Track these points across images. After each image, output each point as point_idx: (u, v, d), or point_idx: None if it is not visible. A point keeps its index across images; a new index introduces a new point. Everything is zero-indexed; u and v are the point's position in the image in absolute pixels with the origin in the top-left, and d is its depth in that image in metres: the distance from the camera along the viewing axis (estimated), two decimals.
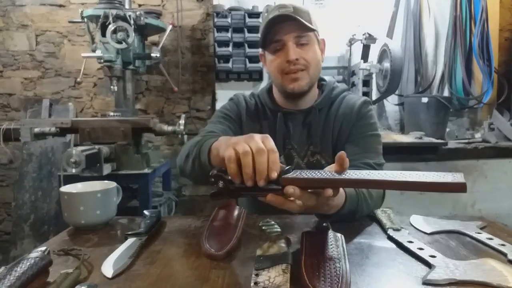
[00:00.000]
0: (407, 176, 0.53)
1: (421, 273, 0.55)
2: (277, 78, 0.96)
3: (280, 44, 0.92)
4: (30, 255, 0.54)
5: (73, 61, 2.41)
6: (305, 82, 0.94)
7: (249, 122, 1.03)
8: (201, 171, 0.79)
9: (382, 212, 0.82)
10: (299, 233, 0.68)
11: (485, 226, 0.78)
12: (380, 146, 0.98)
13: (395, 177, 0.53)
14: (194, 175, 0.86)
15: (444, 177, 0.52)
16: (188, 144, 0.89)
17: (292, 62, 0.91)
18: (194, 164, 0.82)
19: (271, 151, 0.56)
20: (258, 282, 0.51)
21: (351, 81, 2.11)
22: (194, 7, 2.40)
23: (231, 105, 1.07)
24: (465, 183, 0.50)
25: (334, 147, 0.99)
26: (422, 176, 0.52)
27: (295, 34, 0.91)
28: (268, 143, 0.58)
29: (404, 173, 0.54)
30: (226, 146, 0.61)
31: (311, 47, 0.94)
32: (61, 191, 0.80)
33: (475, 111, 2.34)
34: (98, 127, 1.64)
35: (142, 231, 0.72)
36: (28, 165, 2.23)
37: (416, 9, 2.27)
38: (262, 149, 0.56)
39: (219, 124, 1.00)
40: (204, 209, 2.47)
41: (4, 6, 2.37)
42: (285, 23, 0.90)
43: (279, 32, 0.91)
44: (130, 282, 0.54)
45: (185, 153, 0.88)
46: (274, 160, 0.56)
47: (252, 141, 0.57)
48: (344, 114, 0.99)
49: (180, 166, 0.92)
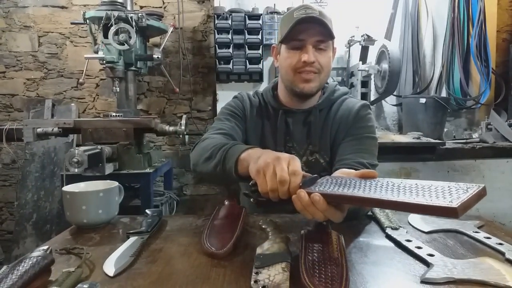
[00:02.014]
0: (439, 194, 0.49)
1: (419, 271, 0.56)
2: (288, 75, 0.97)
3: (300, 44, 0.93)
4: (33, 254, 0.54)
5: (76, 62, 2.42)
6: (315, 84, 0.96)
7: (253, 120, 1.05)
8: (223, 176, 0.80)
9: (380, 211, 0.82)
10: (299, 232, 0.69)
11: (482, 225, 0.78)
12: (376, 148, 0.99)
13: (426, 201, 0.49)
14: (212, 176, 0.86)
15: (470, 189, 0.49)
16: (209, 144, 0.87)
17: (308, 64, 0.92)
18: (216, 168, 0.82)
19: (292, 175, 0.60)
20: (258, 280, 0.52)
21: (349, 82, 2.12)
22: (195, 9, 2.41)
23: (236, 102, 1.08)
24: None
25: (331, 147, 1.01)
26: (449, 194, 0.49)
27: (318, 38, 0.92)
28: (293, 166, 0.61)
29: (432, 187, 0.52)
30: (255, 164, 0.66)
31: (327, 53, 0.96)
32: (64, 191, 0.81)
33: (473, 112, 2.34)
34: (100, 127, 1.65)
35: (143, 230, 0.73)
36: (31, 165, 2.24)
37: (414, 11, 2.28)
38: (285, 180, 0.60)
39: (227, 122, 1.01)
40: (205, 208, 2.48)
41: (7, 8, 2.39)
42: (311, 25, 0.91)
43: (303, 31, 0.92)
44: (131, 280, 0.55)
45: (205, 154, 0.86)
46: (294, 186, 0.60)
47: (279, 166, 0.61)
48: (343, 116, 1.01)
49: (196, 164, 0.90)
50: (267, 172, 0.61)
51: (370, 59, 2.08)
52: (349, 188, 0.57)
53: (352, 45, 2.15)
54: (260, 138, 1.04)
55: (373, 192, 0.54)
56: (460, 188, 0.50)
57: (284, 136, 1.02)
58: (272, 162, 0.62)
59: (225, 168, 0.78)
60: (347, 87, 1.11)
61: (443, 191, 0.50)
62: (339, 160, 0.94)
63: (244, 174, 0.73)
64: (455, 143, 1.92)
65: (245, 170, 0.72)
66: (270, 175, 0.61)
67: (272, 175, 0.61)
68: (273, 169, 0.61)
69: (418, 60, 2.30)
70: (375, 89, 2.18)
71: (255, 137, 1.05)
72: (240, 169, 0.75)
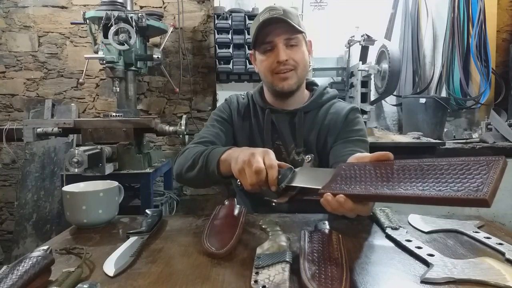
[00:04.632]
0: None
1: (419, 271, 0.56)
2: (267, 77, 1.00)
3: (270, 45, 0.96)
4: (33, 254, 0.54)
5: (76, 62, 2.42)
6: (293, 81, 0.98)
7: (240, 120, 1.08)
8: (207, 179, 0.88)
9: (380, 211, 0.82)
10: (299, 232, 0.69)
11: (482, 225, 0.78)
12: (368, 151, 0.98)
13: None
14: (196, 182, 0.94)
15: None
16: (190, 154, 0.93)
17: (282, 63, 0.95)
18: (199, 173, 0.88)
19: (269, 169, 0.66)
20: (258, 281, 0.52)
21: (349, 82, 2.12)
22: (195, 9, 2.41)
23: (224, 106, 1.12)
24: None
25: (321, 151, 1.02)
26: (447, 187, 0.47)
27: (285, 36, 0.95)
28: (268, 160, 0.67)
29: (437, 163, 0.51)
30: (236, 165, 0.72)
31: (300, 49, 0.97)
32: (64, 191, 0.80)
33: (473, 112, 2.35)
34: (100, 127, 1.65)
35: (143, 230, 0.73)
36: (31, 165, 2.24)
37: (414, 11, 2.28)
38: (261, 170, 0.66)
39: (212, 128, 1.06)
40: (205, 208, 2.48)
41: (7, 8, 2.39)
42: (275, 25, 0.93)
43: (270, 34, 0.95)
44: (131, 280, 0.55)
45: (187, 163, 0.92)
46: (272, 178, 0.66)
47: (254, 160, 0.67)
48: (331, 119, 1.02)
49: (180, 174, 0.96)
50: (246, 169, 0.68)
51: (370, 59, 2.09)
52: (371, 182, 0.55)
53: (352, 45, 2.15)
54: (249, 137, 1.07)
55: (396, 184, 0.52)
56: (480, 165, 0.48)
57: (271, 134, 1.04)
58: (248, 159, 0.68)
59: (208, 171, 0.85)
60: (336, 90, 1.11)
61: (464, 172, 0.48)
62: (336, 162, 0.94)
63: (226, 174, 0.82)
64: (455, 143, 1.93)
65: (227, 170, 0.80)
66: (249, 172, 0.67)
67: (250, 171, 0.67)
68: (250, 165, 0.67)
69: (418, 60, 2.30)
70: (375, 89, 2.18)
71: (244, 136, 1.07)
72: (223, 170, 0.83)
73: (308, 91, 1.09)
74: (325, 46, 2.20)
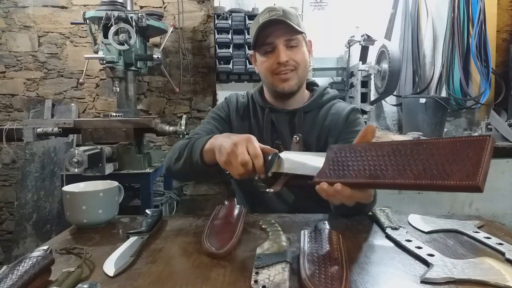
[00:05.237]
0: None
1: (419, 271, 0.56)
2: (267, 78, 1.00)
3: (271, 47, 0.96)
4: (33, 254, 0.54)
5: (76, 62, 2.42)
6: (294, 82, 0.98)
7: (239, 119, 1.08)
8: (193, 170, 0.88)
9: (380, 211, 0.83)
10: (299, 232, 0.69)
11: (482, 225, 0.78)
12: None
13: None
14: (183, 173, 0.95)
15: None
16: (177, 147, 0.95)
17: (283, 64, 0.95)
18: (185, 164, 0.90)
19: (254, 158, 0.68)
20: (258, 280, 0.52)
21: (349, 82, 2.12)
22: (195, 9, 2.41)
23: (222, 104, 1.13)
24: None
25: (321, 151, 1.01)
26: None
27: (285, 37, 0.95)
28: (252, 150, 0.69)
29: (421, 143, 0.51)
30: (221, 156, 0.73)
31: (300, 49, 0.98)
32: (64, 191, 0.80)
33: (473, 112, 2.34)
34: (100, 127, 1.65)
35: (143, 230, 0.73)
36: (31, 165, 2.24)
37: (414, 11, 2.28)
38: (247, 162, 0.68)
39: (207, 125, 1.06)
40: (205, 208, 2.48)
41: (7, 8, 2.39)
42: (276, 26, 0.93)
43: (270, 35, 0.95)
44: (131, 280, 0.55)
45: (175, 155, 0.94)
46: (259, 167, 0.68)
47: (238, 151, 0.69)
48: (332, 120, 1.02)
49: (168, 167, 0.97)
50: (232, 160, 0.70)
51: (370, 59, 2.09)
52: (363, 167, 0.55)
53: (352, 45, 2.15)
54: None
55: (390, 168, 0.52)
56: (469, 144, 0.47)
57: (271, 133, 1.04)
58: (232, 150, 0.69)
59: (193, 162, 0.86)
60: (337, 91, 1.11)
61: (454, 154, 0.47)
62: None
63: (211, 163, 0.82)
64: None
65: (211, 159, 0.81)
66: (235, 163, 0.69)
67: (236, 162, 0.69)
68: (235, 157, 0.69)
69: (418, 60, 2.30)
70: (375, 89, 2.18)
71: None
72: (207, 159, 0.83)
73: (308, 91, 1.09)
74: (325, 46, 2.20)
